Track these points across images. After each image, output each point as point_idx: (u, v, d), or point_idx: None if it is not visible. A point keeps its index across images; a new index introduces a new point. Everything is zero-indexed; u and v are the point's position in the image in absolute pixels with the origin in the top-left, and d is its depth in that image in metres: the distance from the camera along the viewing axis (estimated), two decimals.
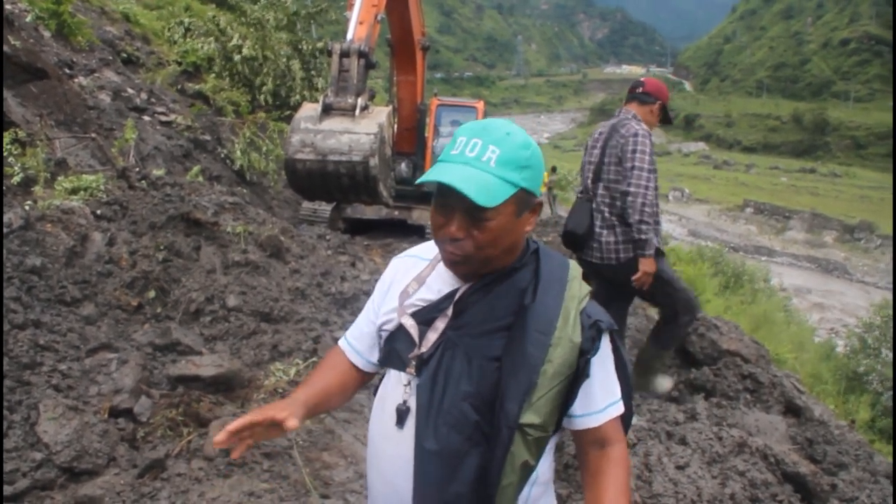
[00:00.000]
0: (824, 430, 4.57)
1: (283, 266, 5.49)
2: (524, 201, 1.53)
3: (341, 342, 1.89)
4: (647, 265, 4.31)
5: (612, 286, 4.64)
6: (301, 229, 8.37)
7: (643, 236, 4.26)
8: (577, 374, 1.53)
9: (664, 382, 5.09)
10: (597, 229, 4.50)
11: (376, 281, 1.85)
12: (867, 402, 11.16)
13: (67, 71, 8.21)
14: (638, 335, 6.17)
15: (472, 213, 1.47)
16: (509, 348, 1.52)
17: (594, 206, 4.55)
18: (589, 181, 4.59)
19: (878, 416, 10.92)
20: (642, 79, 4.69)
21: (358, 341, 1.84)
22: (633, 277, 4.34)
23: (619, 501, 1.57)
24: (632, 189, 4.25)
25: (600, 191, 4.50)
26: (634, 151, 4.29)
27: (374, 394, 1.78)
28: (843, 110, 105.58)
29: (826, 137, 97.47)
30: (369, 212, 10.80)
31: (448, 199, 1.49)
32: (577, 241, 4.58)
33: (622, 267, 4.43)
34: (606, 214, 4.47)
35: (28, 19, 8.35)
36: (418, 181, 1.52)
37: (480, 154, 1.47)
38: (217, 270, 4.93)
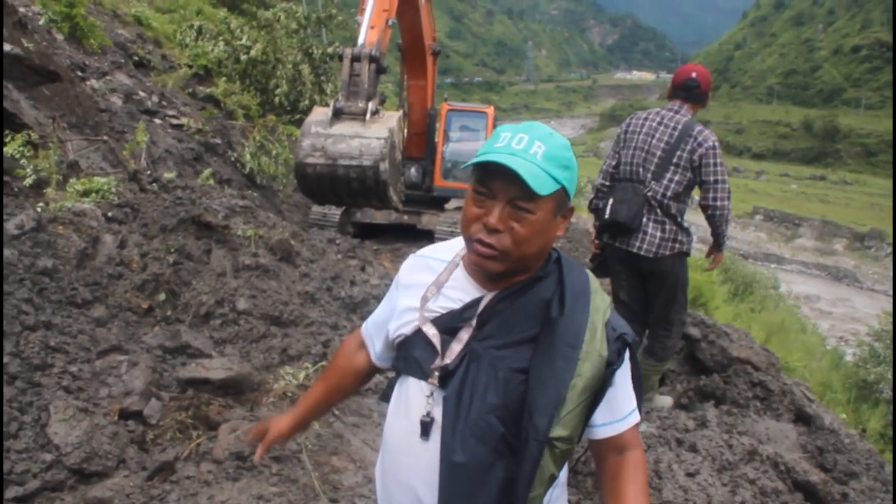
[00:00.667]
0: (835, 439, 4.54)
1: (293, 270, 5.50)
2: (562, 202, 1.54)
3: (363, 329, 1.93)
4: (720, 258, 4.99)
5: (643, 277, 4.81)
6: (311, 233, 8.39)
7: (725, 240, 4.78)
8: (602, 385, 1.54)
9: (664, 400, 5.09)
10: (643, 220, 4.57)
11: (387, 285, 1.86)
12: (880, 413, 11.08)
13: (80, 73, 8.26)
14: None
15: (517, 203, 1.47)
16: (537, 361, 1.51)
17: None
18: (642, 171, 4.58)
19: (889, 425, 10.84)
20: (694, 74, 4.62)
21: (376, 336, 1.87)
22: (707, 267, 5.19)
23: (640, 501, 1.57)
24: (719, 203, 4.49)
25: (655, 186, 4.54)
26: (717, 165, 4.46)
27: (383, 400, 1.78)
28: (853, 117, 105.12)
29: (837, 145, 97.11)
30: (379, 216, 10.80)
31: (492, 187, 1.48)
32: (622, 230, 4.60)
33: (657, 262, 4.60)
34: (658, 211, 4.55)
35: (41, 22, 8.41)
36: (471, 162, 1.51)
37: (528, 147, 1.47)
38: (227, 274, 4.94)
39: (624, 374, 1.61)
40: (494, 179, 1.47)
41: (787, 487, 3.74)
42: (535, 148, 1.47)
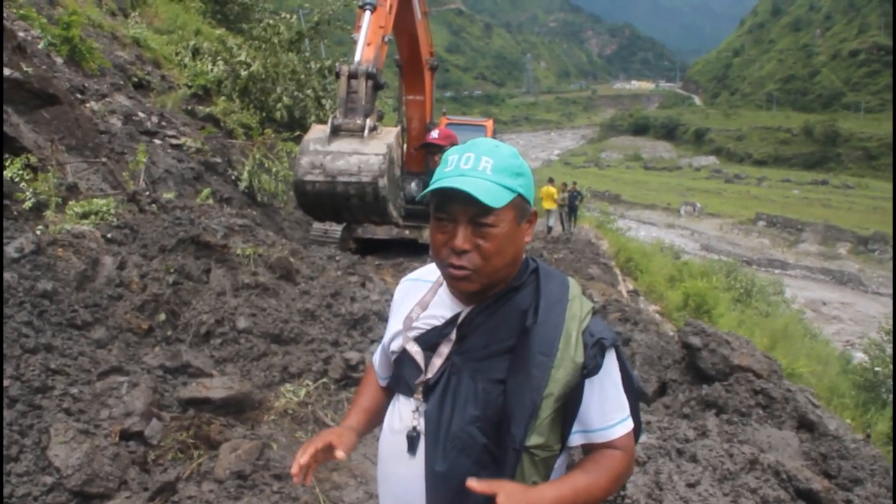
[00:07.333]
0: (839, 445, 4.53)
1: (292, 287, 5.51)
2: (522, 209, 1.57)
3: (371, 359, 1.98)
4: None
5: None
6: (311, 250, 8.42)
7: None
8: (579, 391, 1.54)
9: None
10: None
11: (387, 301, 1.91)
12: (886, 415, 11.05)
13: (79, 96, 8.31)
14: (649, 351, 6.13)
15: (477, 220, 1.50)
16: (513, 371, 1.53)
17: None
18: None
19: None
20: None
21: (381, 365, 1.90)
22: None
23: (595, 476, 1.56)
24: None
25: None
26: None
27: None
28: (853, 121, 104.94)
29: (837, 149, 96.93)
30: (380, 231, 10.82)
31: (451, 211, 1.52)
32: None
33: None
34: None
35: (40, 46, 8.46)
36: (418, 197, 1.56)
37: (475, 165, 1.52)
38: (227, 293, 4.96)
39: (612, 381, 1.61)
40: (451, 203, 1.51)
41: (790, 496, 3.72)
42: (483, 163, 1.52)
